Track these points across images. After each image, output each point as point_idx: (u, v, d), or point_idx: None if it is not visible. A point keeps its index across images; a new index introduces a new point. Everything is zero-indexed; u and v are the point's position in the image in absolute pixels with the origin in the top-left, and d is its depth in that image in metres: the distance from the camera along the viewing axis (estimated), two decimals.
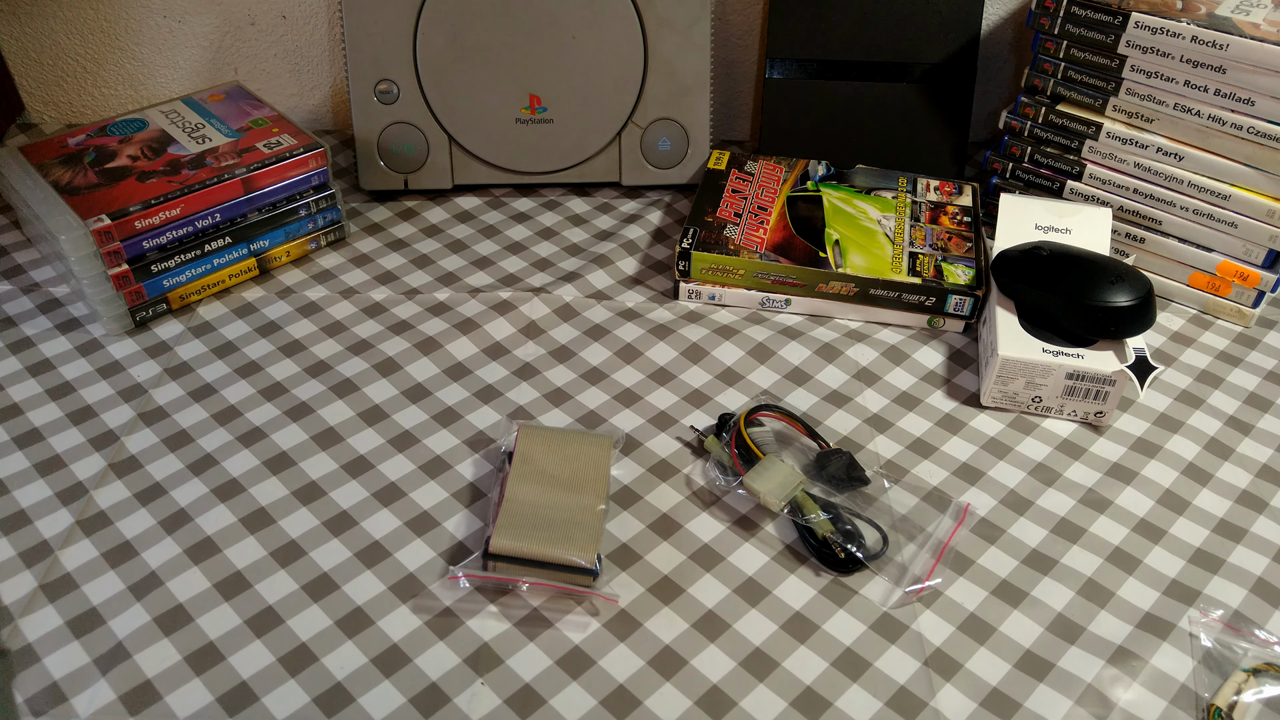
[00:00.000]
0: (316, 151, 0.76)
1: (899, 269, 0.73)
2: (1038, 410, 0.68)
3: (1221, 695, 0.51)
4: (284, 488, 0.61)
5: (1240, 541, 0.60)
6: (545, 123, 0.85)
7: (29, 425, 0.65)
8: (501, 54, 0.82)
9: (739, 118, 0.98)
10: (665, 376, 0.70)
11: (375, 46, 0.81)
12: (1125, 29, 0.72)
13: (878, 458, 0.65)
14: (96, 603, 0.54)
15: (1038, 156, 0.80)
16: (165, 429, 0.65)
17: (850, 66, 0.86)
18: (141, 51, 0.92)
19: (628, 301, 0.76)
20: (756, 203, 0.79)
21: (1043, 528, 0.60)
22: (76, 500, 0.60)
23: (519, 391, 0.68)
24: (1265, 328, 0.76)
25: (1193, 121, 0.72)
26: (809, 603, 0.56)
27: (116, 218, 0.68)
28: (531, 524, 0.56)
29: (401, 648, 0.53)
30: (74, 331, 0.72)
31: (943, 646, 0.54)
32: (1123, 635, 0.55)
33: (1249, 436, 0.67)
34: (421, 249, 0.81)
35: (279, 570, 0.56)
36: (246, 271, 0.76)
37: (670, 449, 0.65)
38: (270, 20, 0.91)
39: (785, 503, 0.59)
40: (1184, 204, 0.74)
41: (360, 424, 0.65)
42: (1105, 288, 0.65)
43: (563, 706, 0.51)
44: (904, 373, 0.71)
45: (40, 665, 0.51)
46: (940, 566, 0.58)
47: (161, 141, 0.75)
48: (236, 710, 0.50)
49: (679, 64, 0.83)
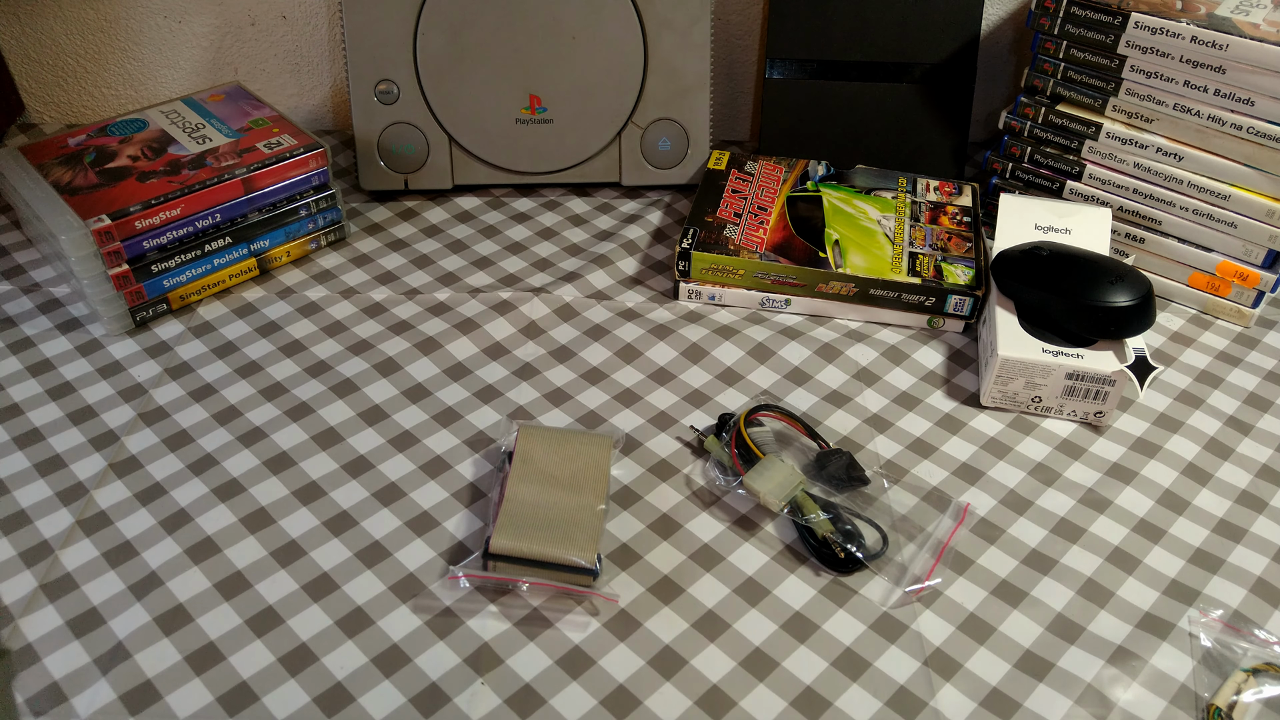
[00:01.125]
0: (316, 151, 0.76)
1: (899, 269, 0.73)
2: (1037, 410, 0.68)
3: (1221, 695, 0.51)
4: (284, 488, 0.61)
5: (1240, 541, 0.60)
6: (545, 123, 0.85)
7: (29, 425, 0.65)
8: (501, 54, 0.82)
9: (739, 118, 0.98)
10: (665, 376, 0.70)
11: (375, 46, 0.81)
12: (1125, 29, 0.72)
13: (878, 458, 0.65)
14: (96, 603, 0.54)
15: (1037, 157, 0.80)
16: (165, 429, 0.65)
17: (850, 66, 0.86)
18: (141, 51, 0.92)
19: (628, 301, 0.76)
20: (756, 203, 0.79)
21: (1043, 528, 0.60)
22: (77, 500, 0.60)
23: (519, 391, 0.68)
24: (1265, 328, 0.76)
25: (1192, 121, 0.72)
26: (809, 603, 0.56)
27: (117, 218, 0.68)
28: (531, 524, 0.56)
29: (401, 648, 0.53)
30: (74, 331, 0.72)
31: (943, 646, 0.54)
32: (1123, 635, 0.55)
33: (1249, 436, 0.67)
34: (421, 249, 0.81)
35: (279, 570, 0.56)
36: (246, 271, 0.76)
37: (670, 449, 0.65)
38: (270, 20, 0.91)
39: (785, 503, 0.59)
40: (1184, 204, 0.74)
41: (360, 424, 0.66)
42: (1105, 288, 0.65)
43: (563, 706, 0.51)
44: (904, 373, 0.71)
45: (40, 665, 0.51)
46: (940, 566, 0.58)
47: (162, 141, 0.75)
48: (236, 710, 0.50)
49: (679, 64, 0.84)
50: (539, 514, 0.57)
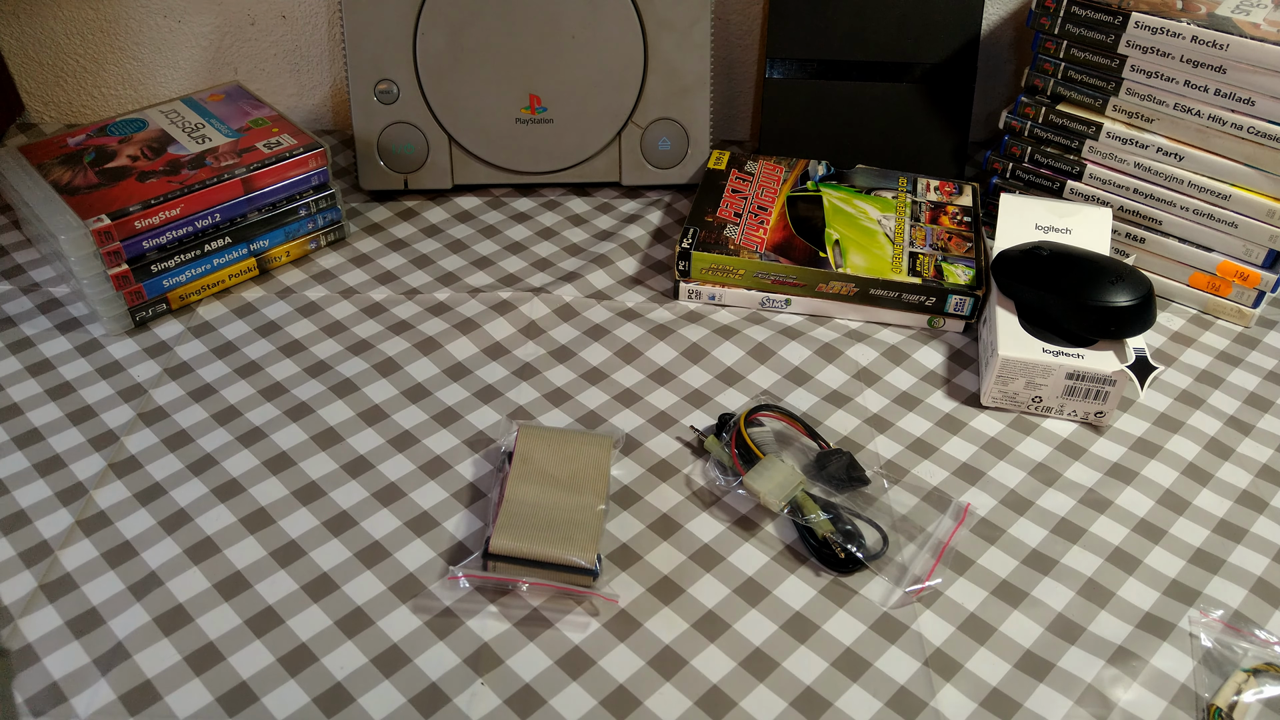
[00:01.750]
0: (316, 151, 0.76)
1: (899, 269, 0.73)
2: (1038, 410, 0.68)
3: (1221, 695, 0.51)
4: (284, 488, 0.61)
5: (1240, 541, 0.60)
6: (545, 123, 0.85)
7: (29, 425, 0.65)
8: (501, 54, 0.82)
9: (739, 118, 0.98)
10: (665, 376, 0.70)
11: (375, 46, 0.81)
12: (1125, 29, 0.72)
13: (878, 458, 0.65)
14: (96, 603, 0.54)
15: (1038, 156, 0.80)
16: (165, 429, 0.65)
17: (850, 66, 0.86)
18: (141, 51, 0.92)
19: (628, 301, 0.76)
20: (756, 203, 0.79)
21: (1043, 528, 0.60)
22: (76, 500, 0.60)
23: (519, 391, 0.68)
24: (1265, 328, 0.76)
25: (1193, 121, 0.72)
26: (809, 603, 0.56)
27: (116, 218, 0.68)
28: (531, 524, 0.56)
29: (401, 648, 0.53)
30: (74, 331, 0.72)
31: (943, 646, 0.54)
32: (1123, 635, 0.55)
33: (1249, 436, 0.67)
34: (421, 249, 0.81)
35: (279, 570, 0.56)
36: (246, 271, 0.76)
37: (670, 449, 0.65)
38: (270, 20, 0.91)
39: (785, 503, 0.59)
40: (1184, 204, 0.74)
41: (360, 424, 0.65)
42: (1105, 288, 0.65)
43: (563, 706, 0.51)
44: (904, 373, 0.71)
45: (40, 665, 0.51)
46: (940, 566, 0.58)
47: (161, 141, 0.75)
48: (236, 710, 0.50)
49: (679, 64, 0.83)
50: (539, 514, 0.57)
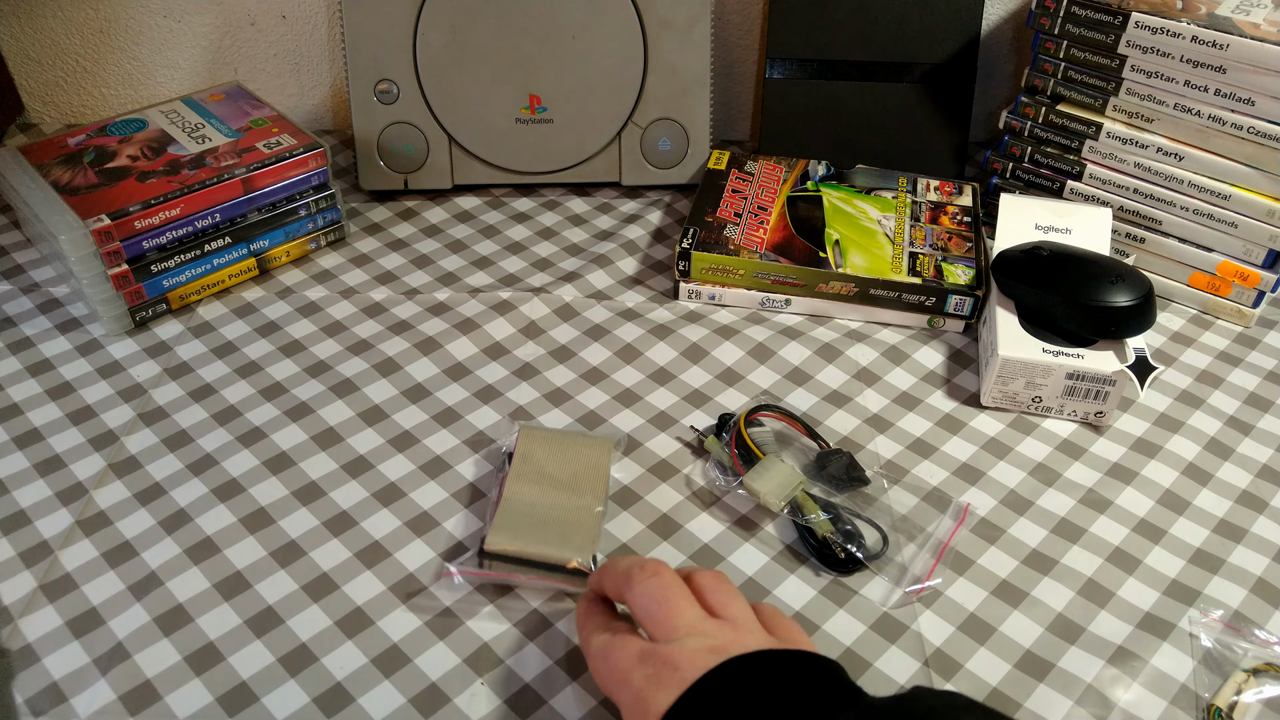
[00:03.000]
0: (316, 151, 0.76)
1: (899, 269, 0.73)
2: (1038, 410, 0.68)
3: (1221, 695, 0.51)
4: (284, 488, 0.61)
5: (1240, 541, 0.60)
6: (545, 123, 0.85)
7: (29, 425, 0.65)
8: (501, 54, 0.82)
9: (739, 118, 0.98)
10: (665, 376, 0.70)
11: (375, 46, 0.81)
12: (1125, 29, 0.72)
13: (878, 458, 0.65)
14: (96, 603, 0.54)
15: (1038, 156, 0.80)
16: (165, 429, 0.65)
17: (850, 66, 0.86)
18: (141, 51, 0.92)
19: (628, 301, 0.76)
20: (756, 203, 0.79)
21: (1043, 528, 0.60)
22: (76, 500, 0.60)
23: (519, 391, 0.68)
24: (1265, 328, 0.76)
25: (1193, 121, 0.72)
26: (809, 603, 0.56)
27: (116, 218, 0.68)
28: (528, 524, 0.56)
29: (401, 648, 0.53)
30: (74, 331, 0.72)
31: (943, 646, 0.54)
32: (1123, 635, 0.55)
33: (1249, 436, 0.67)
34: (421, 249, 0.81)
35: (279, 570, 0.56)
36: (246, 271, 0.76)
37: (670, 449, 0.65)
38: (270, 20, 0.91)
39: (785, 503, 0.59)
40: (1184, 204, 0.74)
41: (360, 424, 0.65)
42: (1105, 288, 0.65)
43: (563, 706, 0.51)
44: (904, 373, 0.71)
45: (40, 665, 0.51)
46: (940, 566, 0.58)
47: (161, 141, 0.75)
48: (236, 710, 0.50)
49: (679, 64, 0.83)
50: (536, 514, 0.57)
